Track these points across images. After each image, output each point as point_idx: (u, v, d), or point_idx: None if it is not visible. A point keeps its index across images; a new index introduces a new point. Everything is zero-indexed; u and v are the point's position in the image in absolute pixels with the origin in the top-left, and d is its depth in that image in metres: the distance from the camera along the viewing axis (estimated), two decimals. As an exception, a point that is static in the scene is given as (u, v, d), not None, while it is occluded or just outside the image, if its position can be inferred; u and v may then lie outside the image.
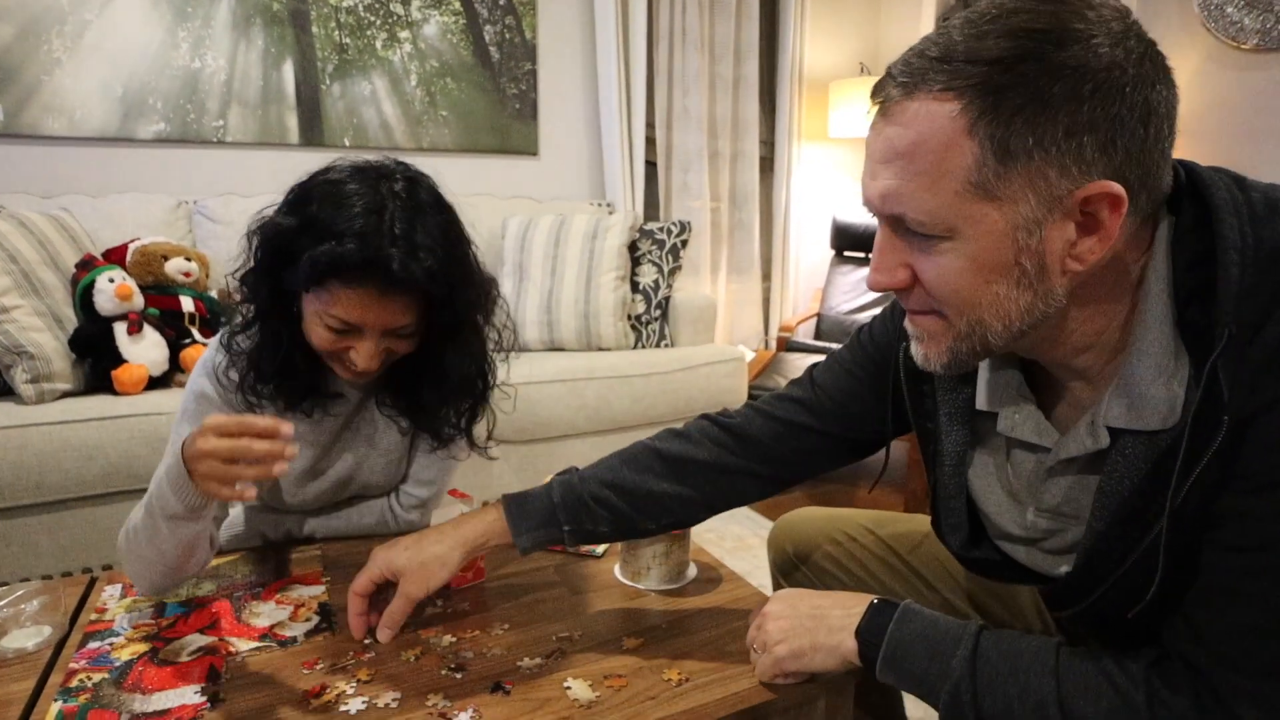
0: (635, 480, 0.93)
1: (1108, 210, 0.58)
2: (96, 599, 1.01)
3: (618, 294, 2.67)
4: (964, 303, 0.63)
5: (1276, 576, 0.56)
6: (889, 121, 0.61)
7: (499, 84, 3.11)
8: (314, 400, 1.09)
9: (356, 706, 0.78)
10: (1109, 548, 0.65)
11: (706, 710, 0.78)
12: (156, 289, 2.15)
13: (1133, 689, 0.61)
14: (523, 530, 0.92)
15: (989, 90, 0.56)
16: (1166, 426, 0.61)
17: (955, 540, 0.82)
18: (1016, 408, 0.74)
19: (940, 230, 0.61)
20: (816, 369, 0.95)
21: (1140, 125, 0.56)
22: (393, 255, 0.90)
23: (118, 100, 2.47)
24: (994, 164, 0.57)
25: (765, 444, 0.93)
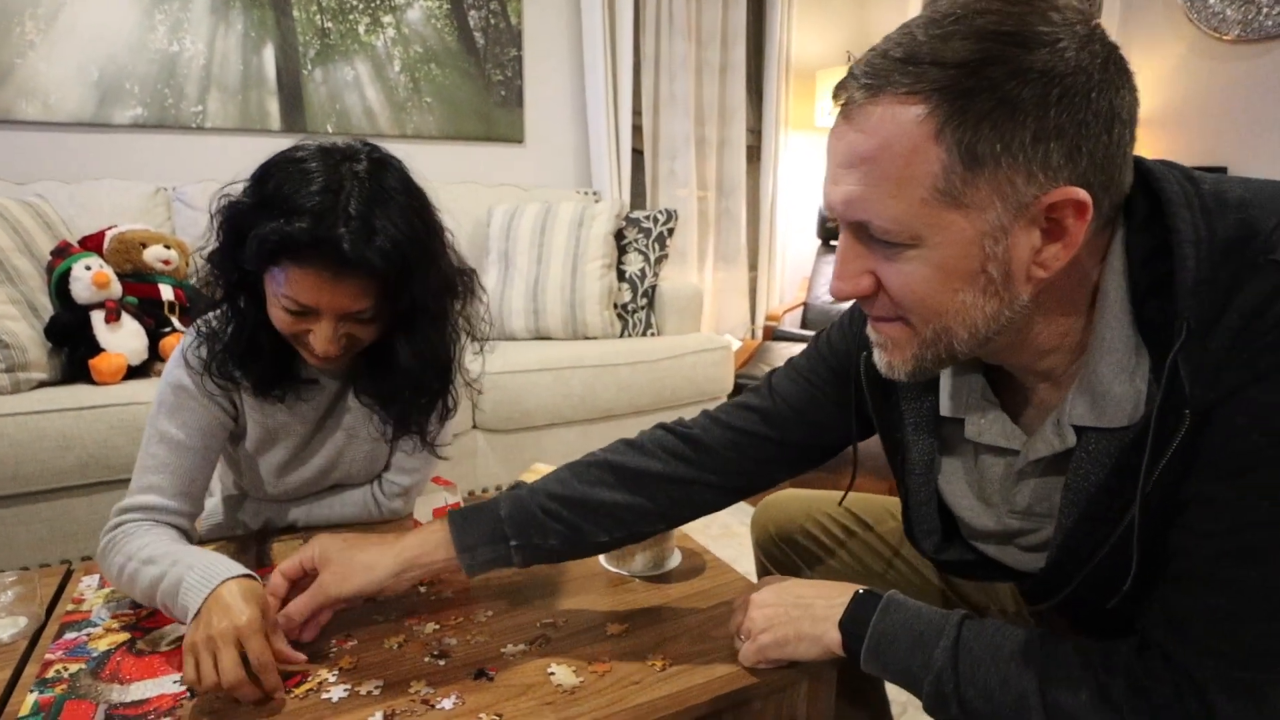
0: (587, 492, 0.88)
1: (1072, 217, 0.58)
2: (73, 589, 1.00)
3: (604, 282, 2.66)
4: (930, 310, 0.62)
5: (1246, 561, 0.56)
6: (852, 125, 0.60)
7: (484, 70, 3.08)
8: (286, 386, 1.07)
9: (338, 694, 0.78)
10: (1079, 543, 0.66)
11: (690, 695, 0.77)
12: (135, 277, 2.12)
13: (1112, 679, 0.61)
14: (468, 547, 0.86)
15: (956, 94, 0.55)
16: (1130, 423, 0.61)
17: (929, 544, 0.83)
18: (982, 413, 0.74)
19: (906, 238, 0.60)
20: (775, 376, 0.93)
21: (1104, 131, 0.56)
22: (343, 235, 0.88)
23: (93, 85, 2.42)
24: (961, 170, 0.57)
25: (722, 454, 0.90)
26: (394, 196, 0.94)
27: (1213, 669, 0.57)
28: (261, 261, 0.91)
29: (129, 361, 1.96)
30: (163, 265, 2.16)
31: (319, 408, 1.13)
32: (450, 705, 0.76)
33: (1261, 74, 2.80)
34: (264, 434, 1.10)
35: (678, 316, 2.83)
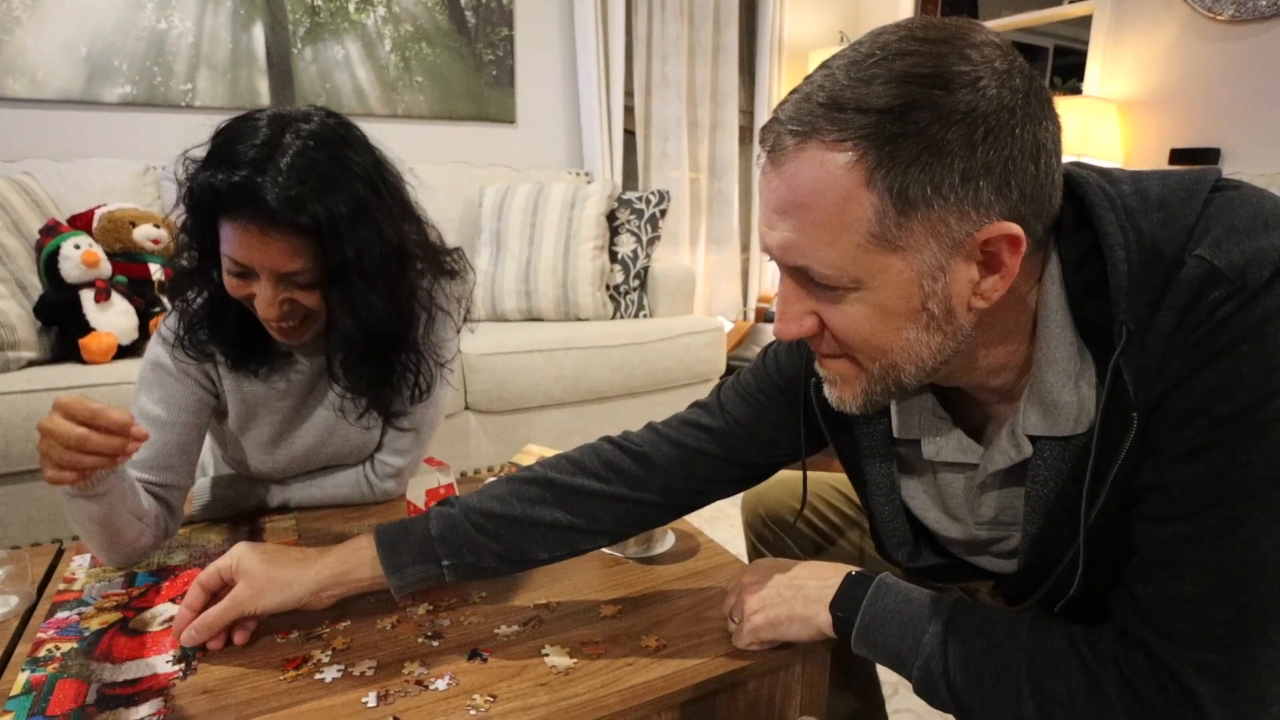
0: (524, 511, 0.86)
1: (1007, 250, 0.58)
2: (65, 568, 0.99)
3: (596, 264, 2.65)
4: (875, 349, 0.63)
5: (1204, 542, 0.56)
6: (781, 172, 0.60)
7: (475, 50, 3.05)
8: (261, 360, 1.06)
9: (332, 675, 0.78)
10: (1046, 548, 0.69)
11: (683, 677, 0.78)
12: (124, 256, 2.10)
13: (1102, 670, 0.61)
14: (396, 567, 0.83)
15: (883, 140, 0.55)
16: (1079, 431, 0.63)
17: (901, 554, 0.84)
18: (936, 431, 0.75)
19: (846, 282, 0.60)
20: (724, 393, 0.92)
21: (1031, 163, 0.57)
22: (265, 186, 0.86)
23: (82, 61, 2.39)
24: (894, 215, 0.57)
25: (669, 472, 0.88)
26: (339, 157, 0.92)
27: (1185, 655, 0.57)
28: (198, 216, 0.90)
29: (119, 341, 1.95)
30: (152, 244, 2.14)
31: (302, 384, 1.13)
32: (444, 686, 0.76)
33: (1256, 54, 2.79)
34: (244, 410, 1.10)
35: (670, 298, 2.82)
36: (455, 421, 2.28)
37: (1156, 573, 0.59)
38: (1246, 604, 0.56)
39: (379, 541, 0.85)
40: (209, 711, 0.72)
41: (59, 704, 0.72)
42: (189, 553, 1.03)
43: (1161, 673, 0.58)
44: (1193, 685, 0.56)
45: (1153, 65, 3.05)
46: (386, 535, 0.85)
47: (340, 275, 0.94)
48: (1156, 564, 0.59)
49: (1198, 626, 0.57)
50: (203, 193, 0.88)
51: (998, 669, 0.65)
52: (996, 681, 0.65)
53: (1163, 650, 0.58)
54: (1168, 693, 0.58)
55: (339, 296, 0.95)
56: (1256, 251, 0.55)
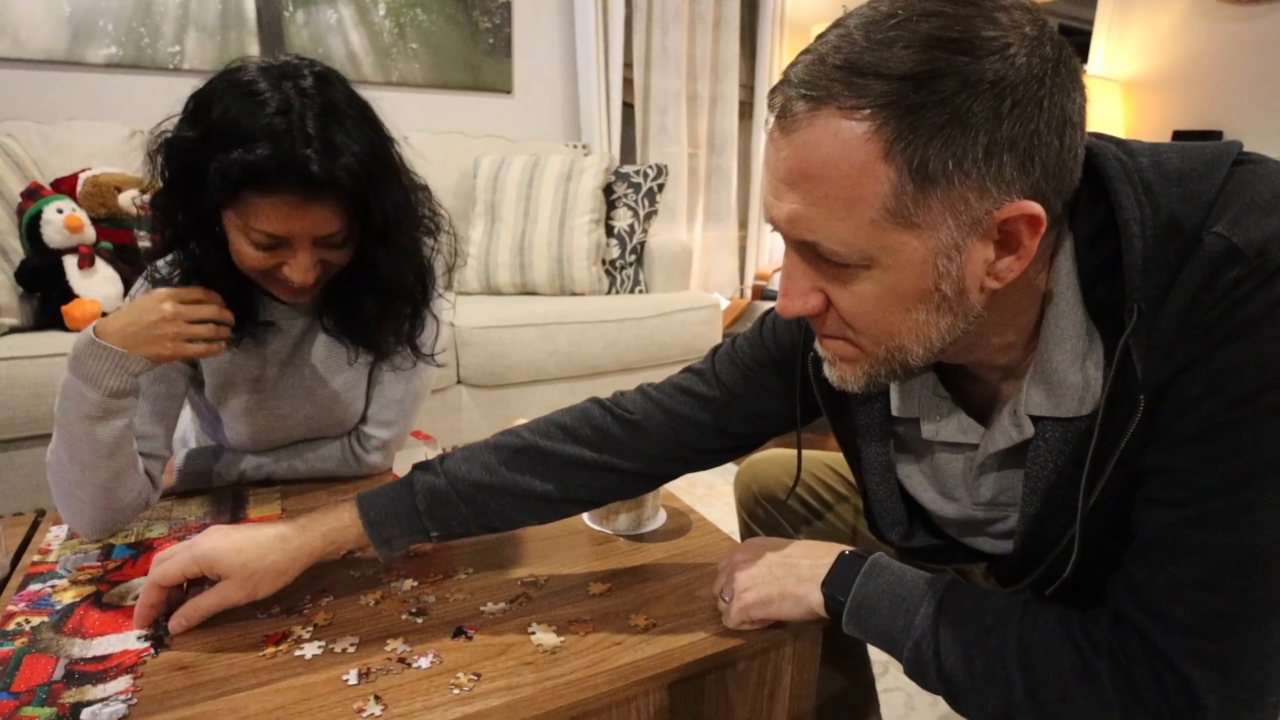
0: (515, 481, 0.85)
1: (1026, 229, 0.56)
2: (41, 540, 0.97)
3: (592, 238, 2.61)
4: (882, 331, 0.61)
5: (1206, 527, 0.55)
6: (792, 138, 0.56)
7: (471, 17, 2.99)
8: (243, 330, 1.03)
9: (312, 651, 0.76)
10: (1043, 530, 0.67)
11: (672, 656, 0.76)
12: (109, 222, 2.06)
13: (1095, 655, 0.60)
14: (385, 540, 0.83)
15: (904, 109, 0.52)
16: (1084, 412, 0.61)
17: (895, 534, 0.82)
18: (935, 411, 0.73)
19: (857, 260, 0.58)
20: (719, 360, 0.89)
21: (1056, 137, 0.54)
22: (309, 156, 0.84)
23: (65, 20, 2.33)
24: (912, 190, 0.54)
25: (658, 441, 0.87)
26: (345, 110, 0.90)
27: (1181, 642, 0.56)
28: (224, 195, 0.86)
29: (103, 308, 1.92)
30: (138, 210, 2.09)
31: (281, 351, 1.10)
32: (427, 664, 0.74)
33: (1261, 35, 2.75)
34: (222, 379, 1.07)
35: (666, 273, 2.79)
36: (447, 395, 2.25)
37: (1156, 557, 0.58)
38: (1247, 591, 0.54)
39: (364, 518, 0.83)
40: (183, 689, 0.70)
41: (25, 679, 0.70)
42: (169, 525, 1.01)
43: (1156, 659, 0.57)
44: (1188, 673, 0.55)
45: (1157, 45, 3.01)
46: (371, 510, 0.83)
47: (380, 231, 0.95)
48: (1156, 548, 0.58)
49: (1196, 613, 0.55)
50: (233, 172, 0.84)
51: (988, 652, 0.63)
52: (987, 665, 0.63)
53: (1159, 636, 0.57)
54: (1161, 679, 0.56)
55: (379, 248, 0.97)
56: (1277, 229, 0.52)
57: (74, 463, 0.89)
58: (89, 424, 0.88)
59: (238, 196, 0.86)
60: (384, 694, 0.70)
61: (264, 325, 1.07)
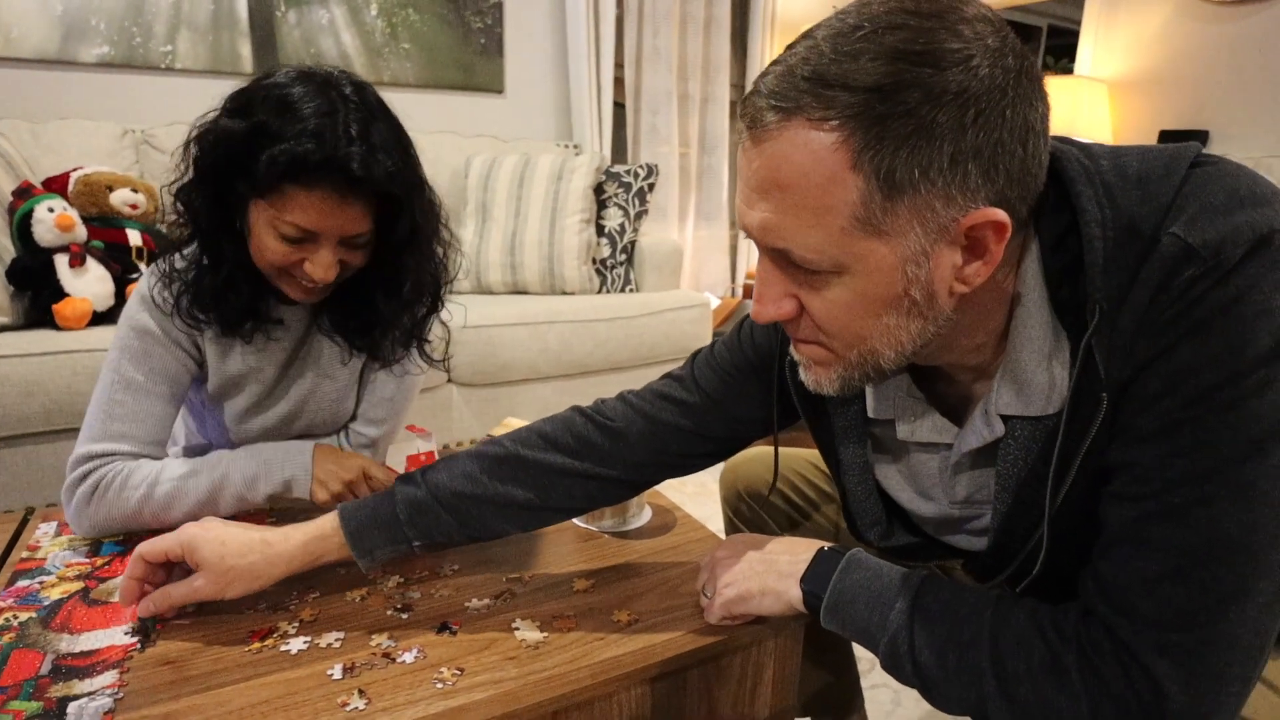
0: (495, 490, 0.86)
1: (992, 235, 0.57)
2: (29, 537, 0.98)
3: (582, 237, 2.62)
4: (854, 335, 0.62)
5: (1169, 520, 0.56)
6: (763, 149, 0.58)
7: (463, 17, 3.00)
8: (253, 324, 1.05)
9: (297, 646, 0.77)
10: (1014, 526, 0.69)
11: (654, 651, 0.77)
12: (101, 221, 2.06)
13: (1064, 647, 0.61)
14: (366, 550, 0.84)
15: (871, 120, 0.53)
16: (1050, 411, 0.63)
17: (874, 534, 0.83)
18: (910, 412, 0.74)
19: (827, 266, 0.59)
20: (698, 366, 0.90)
21: (1020, 145, 0.55)
22: (353, 154, 0.87)
23: (57, 19, 2.33)
24: (880, 198, 0.55)
25: (641, 448, 0.88)
26: (380, 117, 0.94)
27: (1145, 634, 0.57)
28: (267, 186, 0.89)
29: (94, 307, 1.92)
30: (130, 209, 2.10)
31: (284, 350, 1.11)
32: (411, 659, 0.75)
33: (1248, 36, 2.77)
34: (226, 379, 1.08)
35: (657, 273, 2.80)
36: (438, 394, 2.26)
37: (1120, 551, 0.59)
38: (1208, 584, 0.55)
39: (346, 528, 0.84)
40: (169, 683, 0.71)
41: (12, 674, 0.70)
42: (157, 522, 1.01)
43: (1122, 651, 0.58)
44: (1151, 664, 0.56)
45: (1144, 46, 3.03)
46: (352, 520, 0.84)
47: (408, 236, 0.98)
48: (1121, 542, 0.59)
49: (1159, 605, 0.56)
50: (278, 164, 0.86)
51: (961, 646, 0.64)
52: (960, 658, 0.64)
53: (1123, 628, 0.58)
54: (1128, 671, 0.57)
55: (406, 252, 1.01)
56: (1231, 229, 0.54)
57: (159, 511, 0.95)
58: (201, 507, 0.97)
59: (277, 188, 0.89)
60: (368, 688, 0.71)
61: (275, 322, 1.08)
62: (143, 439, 0.98)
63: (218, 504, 0.97)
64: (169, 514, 0.95)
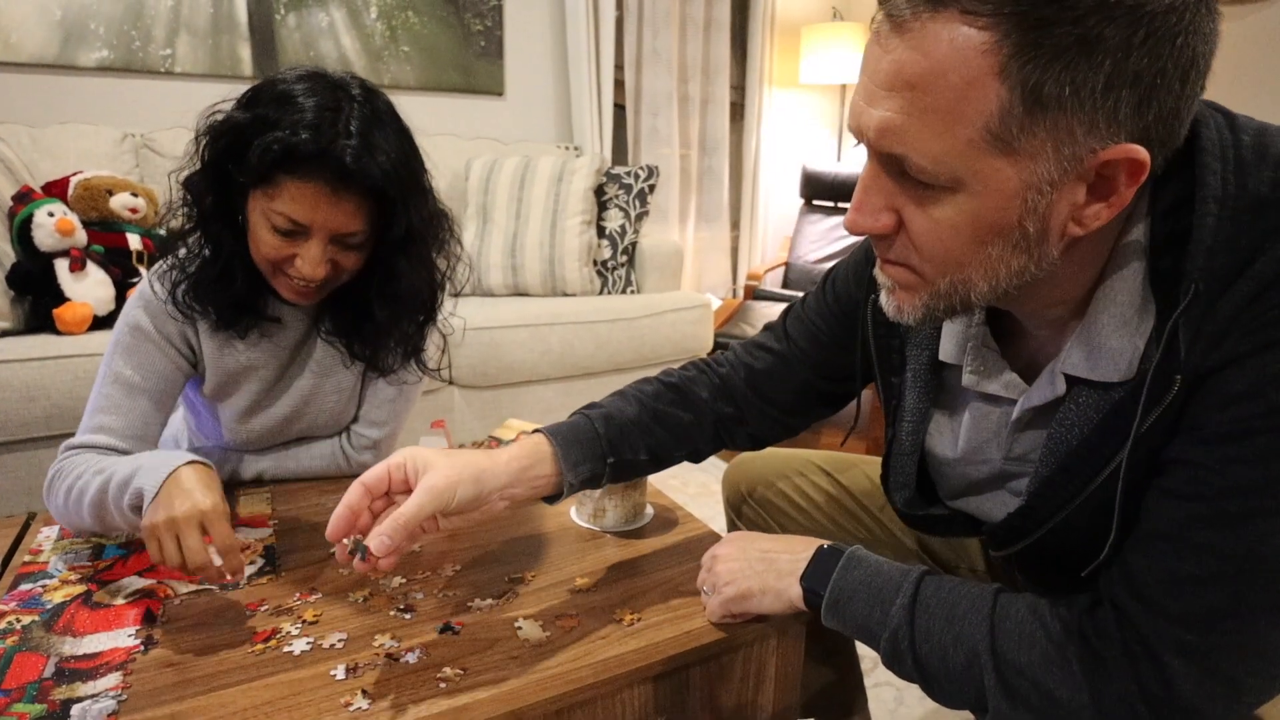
0: (667, 411, 0.90)
1: (1125, 176, 0.52)
2: (31, 540, 0.98)
3: (583, 239, 2.62)
4: (952, 261, 0.58)
5: (1218, 526, 0.54)
6: (903, 40, 0.52)
7: (463, 20, 3.00)
8: (250, 321, 1.05)
9: (300, 647, 0.76)
10: (1053, 493, 0.65)
11: (657, 650, 0.77)
12: (101, 225, 2.06)
13: (1065, 638, 0.60)
14: (573, 464, 0.83)
15: (1032, 24, 0.48)
16: (1120, 380, 0.59)
17: (900, 498, 0.82)
18: (982, 361, 0.71)
19: (944, 180, 0.54)
20: (789, 318, 0.93)
21: (1179, 81, 0.50)
22: (347, 147, 0.89)
23: (56, 24, 2.33)
24: (1021, 114, 0.50)
25: (742, 393, 0.92)
26: (387, 121, 0.95)
27: (1166, 630, 0.56)
28: (260, 174, 0.90)
29: (95, 312, 1.92)
30: (130, 214, 2.10)
31: (283, 350, 1.11)
32: (414, 659, 0.75)
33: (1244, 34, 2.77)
34: (224, 376, 1.08)
35: (658, 274, 2.80)
36: (439, 396, 2.26)
37: (1158, 546, 0.57)
38: (1242, 593, 0.54)
39: (556, 439, 0.83)
40: (172, 685, 0.71)
41: (16, 677, 0.70)
42: (159, 524, 1.01)
43: (1134, 643, 0.57)
44: (1168, 660, 0.55)
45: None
46: (560, 435, 0.84)
47: (403, 240, 0.98)
48: (1161, 539, 0.57)
49: (1186, 605, 0.55)
50: (271, 152, 0.88)
51: (961, 640, 0.64)
52: (959, 652, 0.64)
53: (1144, 622, 0.57)
54: (1137, 664, 0.56)
55: (399, 256, 1.00)
56: None
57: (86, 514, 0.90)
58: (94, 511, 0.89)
59: (271, 178, 0.90)
60: (371, 688, 0.70)
61: (272, 321, 1.08)
62: (124, 433, 0.98)
63: (103, 505, 0.87)
64: (78, 511, 0.89)
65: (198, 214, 0.98)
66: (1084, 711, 0.58)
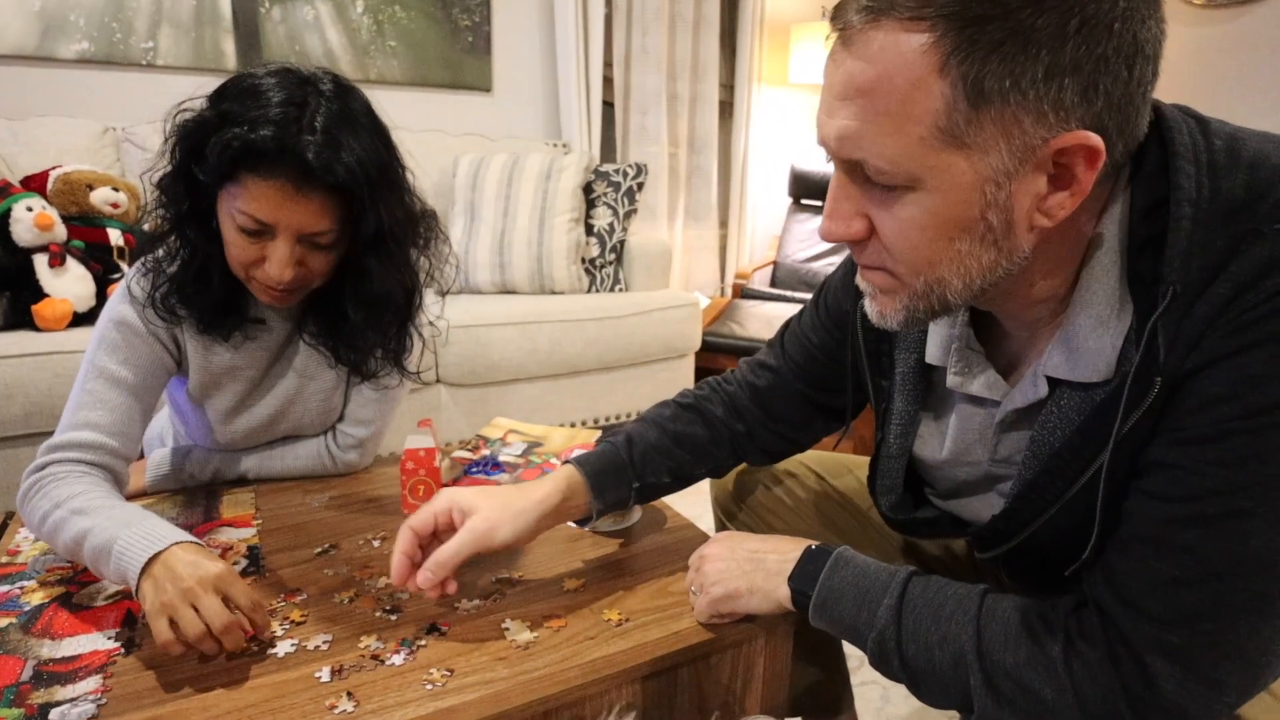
0: (684, 430, 0.93)
1: (1083, 163, 0.53)
2: (9, 541, 0.96)
3: (571, 236, 2.61)
4: (923, 261, 0.59)
5: (1197, 527, 0.54)
6: (850, 52, 0.55)
7: (451, 15, 2.98)
8: (233, 323, 1.04)
9: (285, 649, 0.76)
10: (1036, 495, 0.65)
11: (644, 650, 0.76)
12: (81, 220, 2.03)
13: (1050, 639, 0.60)
14: (601, 491, 0.88)
15: (965, 21, 0.50)
16: (1099, 380, 0.60)
17: (886, 502, 0.83)
18: (965, 363, 0.72)
19: (902, 180, 0.56)
20: (786, 334, 0.95)
21: (1125, 67, 0.52)
22: (309, 144, 0.86)
23: (35, 15, 2.30)
24: (965, 108, 0.52)
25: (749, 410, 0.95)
26: (359, 118, 0.93)
27: (1147, 630, 0.56)
28: (221, 172, 0.88)
29: (75, 308, 1.89)
30: (111, 209, 2.07)
31: (268, 350, 1.10)
32: (400, 661, 0.74)
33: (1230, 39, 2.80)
34: (208, 377, 1.07)
35: (646, 272, 2.79)
36: (426, 394, 2.25)
37: (1140, 548, 0.57)
38: (1223, 595, 0.54)
39: (586, 470, 0.88)
40: (153, 688, 0.70)
41: (-8, 679, 0.69)
42: (140, 524, 1.00)
43: (1117, 643, 0.57)
44: (1150, 660, 0.56)
45: (1132, 45, 3.04)
46: (590, 465, 0.89)
47: (372, 240, 0.96)
48: (1142, 541, 0.57)
49: (1168, 606, 0.55)
50: (231, 149, 0.86)
51: (947, 639, 0.64)
52: (945, 652, 0.64)
53: (1126, 622, 0.57)
54: (1119, 664, 0.57)
55: (370, 256, 0.98)
56: None
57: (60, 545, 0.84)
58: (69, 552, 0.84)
59: (234, 175, 0.88)
60: (356, 690, 0.70)
61: (255, 322, 1.06)
62: (109, 428, 0.96)
63: (78, 553, 0.82)
64: (52, 539, 0.85)
65: (172, 216, 0.96)
66: (1069, 711, 0.59)
